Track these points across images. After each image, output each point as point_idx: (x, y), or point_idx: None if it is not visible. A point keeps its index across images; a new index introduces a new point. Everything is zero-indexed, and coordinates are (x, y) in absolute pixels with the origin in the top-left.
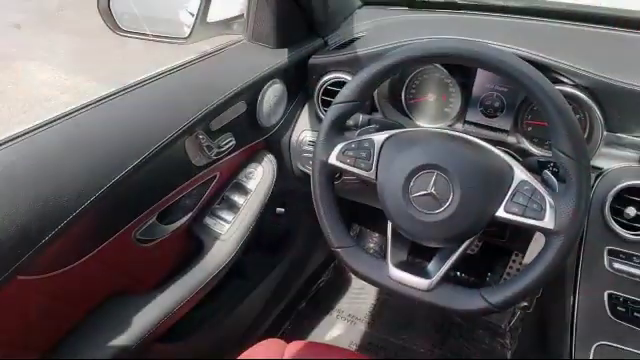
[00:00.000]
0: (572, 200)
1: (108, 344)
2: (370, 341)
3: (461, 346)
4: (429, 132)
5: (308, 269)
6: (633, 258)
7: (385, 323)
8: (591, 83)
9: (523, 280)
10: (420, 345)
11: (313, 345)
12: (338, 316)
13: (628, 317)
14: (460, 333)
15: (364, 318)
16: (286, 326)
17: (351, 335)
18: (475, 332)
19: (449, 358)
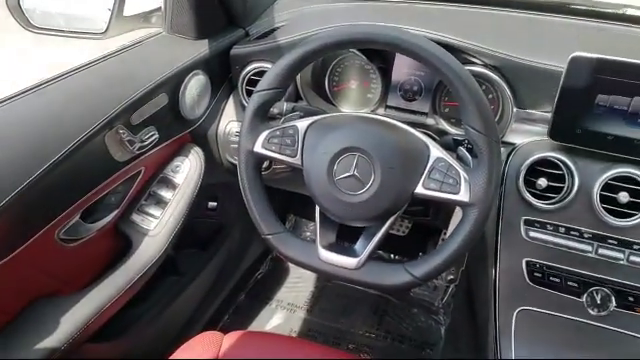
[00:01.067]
0: (484, 173)
1: (36, 346)
2: (310, 327)
3: (398, 325)
4: (350, 116)
5: (246, 261)
6: (547, 226)
7: (324, 309)
8: (500, 62)
9: (443, 252)
10: (358, 328)
11: (250, 334)
12: (277, 306)
13: (545, 282)
14: (396, 313)
15: (303, 306)
16: (225, 319)
17: (291, 323)
18: (410, 311)
19: (385, 337)
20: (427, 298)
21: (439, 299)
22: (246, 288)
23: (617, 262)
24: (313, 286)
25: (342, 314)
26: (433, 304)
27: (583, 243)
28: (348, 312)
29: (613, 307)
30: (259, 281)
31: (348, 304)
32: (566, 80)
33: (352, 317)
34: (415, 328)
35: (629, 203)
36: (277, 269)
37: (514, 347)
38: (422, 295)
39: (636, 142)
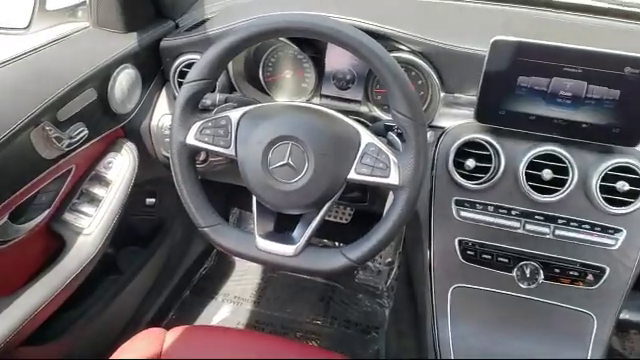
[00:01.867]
0: (412, 156)
1: None
2: (257, 319)
3: (344, 311)
4: (282, 106)
5: (189, 257)
6: (477, 205)
7: (270, 300)
8: (426, 49)
9: (377, 234)
10: (305, 316)
11: (194, 329)
12: (224, 300)
13: (477, 259)
14: (342, 299)
15: (250, 298)
16: (171, 316)
17: (238, 316)
18: (356, 296)
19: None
20: (371, 283)
21: (383, 283)
22: (191, 283)
23: (544, 236)
24: (259, 278)
25: (289, 303)
26: (377, 288)
27: (511, 220)
28: (295, 301)
29: (541, 279)
30: (204, 276)
31: (295, 293)
32: (489, 64)
33: (299, 306)
34: (361, 313)
35: (553, 180)
36: (222, 263)
37: (450, 324)
38: (367, 280)
39: (556, 121)
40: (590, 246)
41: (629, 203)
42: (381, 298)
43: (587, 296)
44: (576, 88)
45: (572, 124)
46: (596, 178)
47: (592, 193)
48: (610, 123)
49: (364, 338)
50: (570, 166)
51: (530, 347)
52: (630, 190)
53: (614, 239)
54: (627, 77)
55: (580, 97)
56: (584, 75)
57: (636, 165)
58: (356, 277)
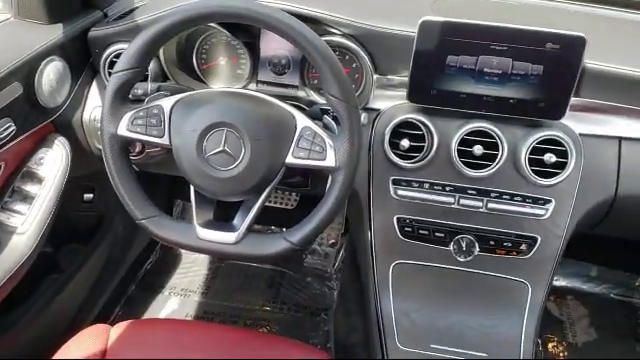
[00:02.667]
0: (346, 138)
1: None
2: (205, 310)
3: (293, 296)
4: (215, 92)
5: (133, 251)
6: (413, 183)
7: (219, 291)
8: (357, 31)
9: (317, 216)
10: (254, 303)
11: (139, 322)
12: (171, 293)
13: (415, 235)
14: (291, 284)
15: (198, 290)
16: (117, 312)
17: (186, 308)
18: (305, 281)
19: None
20: (320, 266)
21: (331, 266)
22: (137, 278)
23: (477, 210)
24: (207, 269)
25: (238, 292)
26: (326, 271)
27: (446, 196)
28: (244, 290)
29: (477, 252)
30: (150, 270)
31: (243, 282)
32: (418, 44)
33: (248, 294)
34: (310, 296)
35: (484, 155)
36: (168, 256)
37: (392, 299)
38: (315, 264)
39: (485, 98)
40: (522, 217)
41: (556, 174)
42: (330, 280)
43: (521, 265)
44: (502, 65)
45: (500, 100)
46: (524, 151)
47: (521, 166)
48: (535, 98)
49: (314, 320)
50: (500, 141)
51: (469, 317)
52: (557, 162)
53: (544, 209)
54: (549, 53)
55: (506, 74)
56: (509, 52)
57: (561, 137)
58: (305, 261)
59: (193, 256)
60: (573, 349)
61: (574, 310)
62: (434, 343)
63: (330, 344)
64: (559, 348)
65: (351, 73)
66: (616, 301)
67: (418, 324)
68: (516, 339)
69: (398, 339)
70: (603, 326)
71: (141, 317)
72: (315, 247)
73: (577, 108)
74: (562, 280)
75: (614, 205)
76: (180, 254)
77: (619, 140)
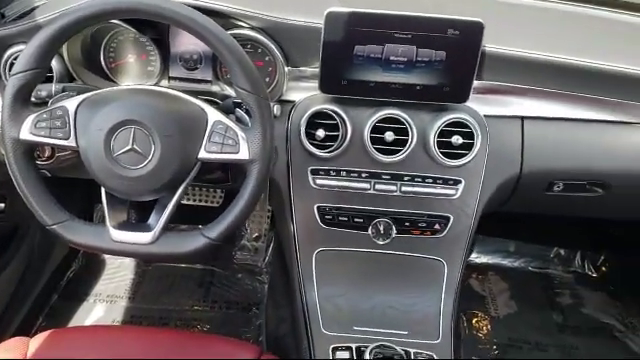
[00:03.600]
0: (258, 130)
1: None
2: (133, 314)
3: (224, 293)
4: (121, 90)
5: (53, 260)
6: (330, 172)
7: (147, 294)
8: (265, 24)
9: (234, 210)
10: (184, 304)
11: (60, 332)
12: (96, 300)
13: (335, 222)
14: (222, 282)
15: (124, 295)
16: (39, 324)
17: (112, 315)
18: (236, 277)
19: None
20: (250, 262)
21: (261, 260)
22: (59, 288)
23: (392, 194)
24: (133, 273)
25: (167, 294)
26: (256, 266)
27: (362, 182)
28: (173, 291)
29: (394, 234)
30: (73, 278)
31: (172, 283)
32: (325, 35)
33: (177, 295)
34: (241, 292)
35: (395, 141)
36: (92, 263)
37: (316, 287)
38: (245, 260)
39: (393, 86)
40: (434, 198)
41: (464, 155)
42: (261, 275)
43: (436, 244)
44: (407, 53)
45: (407, 87)
46: (433, 135)
47: (431, 149)
48: (440, 83)
49: (246, 316)
50: (409, 126)
51: (390, 298)
52: (464, 143)
53: (455, 189)
54: (450, 39)
55: (412, 61)
56: (413, 40)
57: (467, 120)
58: (234, 258)
59: (118, 261)
60: (495, 322)
61: (495, 285)
62: (357, 325)
63: (262, 338)
64: (483, 322)
65: (264, 66)
66: (534, 273)
67: (342, 308)
68: (435, 315)
69: (323, 325)
70: (522, 298)
71: (65, 327)
72: (244, 243)
73: (481, 91)
74: (483, 257)
75: (520, 182)
76: (104, 260)
77: (522, 119)
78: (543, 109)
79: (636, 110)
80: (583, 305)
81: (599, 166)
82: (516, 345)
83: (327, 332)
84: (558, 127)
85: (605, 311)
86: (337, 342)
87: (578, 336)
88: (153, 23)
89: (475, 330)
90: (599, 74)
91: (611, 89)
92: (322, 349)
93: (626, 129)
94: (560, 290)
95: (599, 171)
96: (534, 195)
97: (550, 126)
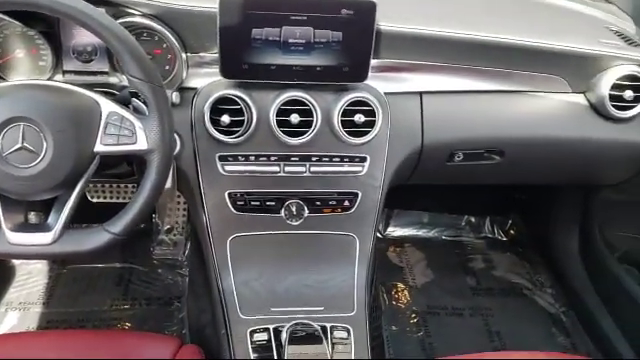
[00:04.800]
0: (155, 118)
1: None
2: (49, 319)
3: (145, 290)
4: (8, 86)
5: None
6: (239, 158)
7: (62, 298)
8: (157, 10)
9: (136, 203)
10: (103, 304)
11: None
12: (7, 309)
13: (247, 207)
14: (141, 279)
15: (38, 301)
16: None
17: (27, 322)
18: (156, 272)
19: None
20: (170, 256)
21: (181, 253)
22: None
23: (301, 175)
24: (47, 277)
25: (83, 296)
26: (177, 260)
27: (272, 165)
28: (90, 293)
29: (307, 214)
30: None
31: (89, 284)
32: (221, 20)
33: (95, 296)
34: (162, 287)
35: (301, 123)
36: (1, 270)
37: (232, 273)
38: (164, 254)
39: (294, 68)
40: (342, 176)
41: (367, 132)
42: (181, 268)
43: (347, 220)
44: (305, 34)
45: (308, 69)
46: (336, 115)
47: (336, 129)
48: (340, 63)
49: (168, 310)
50: (313, 108)
51: (306, 276)
52: (366, 121)
53: (361, 166)
54: (344, 19)
55: (310, 42)
56: (309, 21)
57: (368, 98)
58: (153, 254)
59: (29, 267)
60: (414, 291)
61: (412, 256)
62: (275, 307)
63: (185, 330)
64: (402, 292)
65: (163, 54)
66: (447, 242)
67: (259, 292)
68: (350, 288)
69: (240, 310)
70: (438, 266)
71: None
72: (162, 237)
73: (380, 69)
74: (399, 230)
75: (422, 154)
76: (14, 267)
77: (420, 95)
78: (439, 83)
79: (525, 79)
80: (494, 268)
81: (494, 134)
82: (434, 311)
83: (245, 317)
84: (454, 99)
85: (515, 272)
86: (255, 325)
87: (491, 297)
88: (40, 15)
89: (395, 300)
90: (488, 46)
91: (500, 60)
92: (240, 334)
93: (517, 97)
94: (472, 255)
95: (495, 139)
96: (437, 166)
97: (447, 99)
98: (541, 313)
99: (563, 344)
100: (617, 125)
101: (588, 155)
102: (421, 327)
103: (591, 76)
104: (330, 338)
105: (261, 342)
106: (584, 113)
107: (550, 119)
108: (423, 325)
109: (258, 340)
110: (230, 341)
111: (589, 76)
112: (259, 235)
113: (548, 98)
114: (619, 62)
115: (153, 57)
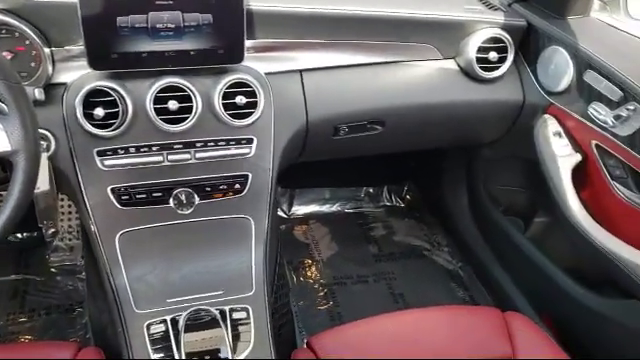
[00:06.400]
0: (16, 117)
1: None
2: None
3: (43, 299)
4: None
5: None
6: (118, 151)
7: None
8: (11, 5)
9: (6, 207)
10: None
11: None
12: None
13: (134, 201)
14: (39, 289)
15: None
16: None
17: None
18: (54, 280)
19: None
20: (67, 261)
21: (79, 258)
22: None
23: (187, 162)
24: None
25: None
26: (76, 265)
27: (154, 155)
28: None
29: (198, 201)
30: None
31: None
32: (82, 10)
33: None
34: (62, 294)
35: (181, 109)
36: None
37: (124, 270)
38: (61, 261)
39: (167, 54)
40: (230, 159)
41: (251, 114)
42: (81, 273)
43: (240, 203)
44: (173, 19)
45: (182, 53)
46: (217, 98)
47: (218, 112)
48: (214, 46)
49: (69, 317)
50: (192, 93)
51: (203, 263)
52: (248, 102)
53: (249, 147)
54: (212, 1)
55: (180, 27)
56: (176, 5)
57: (247, 79)
58: (49, 261)
59: None
60: (321, 265)
61: (316, 231)
62: (171, 297)
63: (89, 334)
64: (309, 268)
65: (27, 50)
66: (349, 214)
67: (154, 285)
68: (248, 269)
69: (135, 305)
70: (342, 238)
71: None
72: (58, 243)
73: (258, 49)
74: (303, 208)
75: (309, 131)
76: None
77: (300, 73)
78: (319, 60)
79: (399, 49)
80: (394, 233)
81: (375, 105)
82: (340, 281)
83: (140, 311)
84: (335, 75)
85: (413, 235)
86: (152, 318)
87: (393, 261)
88: None
89: (302, 277)
90: (362, 20)
91: (375, 33)
92: (136, 329)
93: (393, 68)
94: (374, 224)
95: (375, 110)
96: (324, 142)
97: (327, 75)
98: (440, 271)
99: (462, 297)
100: (486, 86)
101: (463, 117)
102: (329, 298)
103: (458, 41)
104: (229, 320)
105: (158, 334)
106: (455, 77)
107: (424, 86)
108: (331, 296)
109: (155, 332)
110: (127, 337)
111: (457, 42)
112: (150, 228)
113: (422, 66)
114: (482, 26)
115: (16, 55)
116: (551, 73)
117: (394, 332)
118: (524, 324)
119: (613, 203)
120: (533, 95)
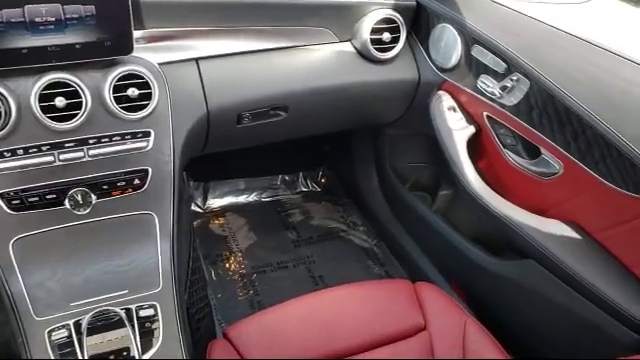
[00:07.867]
0: None
1: None
2: None
3: None
4: None
5: None
6: (4, 154)
7: None
8: None
9: None
10: None
11: None
12: None
13: (26, 206)
14: None
15: None
16: None
17: None
18: None
19: None
20: None
21: None
22: None
23: (81, 160)
24: None
25: None
26: None
27: (44, 156)
28: None
29: (95, 200)
30: None
31: None
32: None
33: None
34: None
35: (70, 105)
36: None
37: (21, 277)
38: None
39: (50, 49)
40: (127, 154)
41: (145, 106)
42: None
43: (142, 198)
44: (53, 12)
45: (66, 47)
46: (107, 92)
47: (109, 106)
48: (100, 38)
49: None
50: (80, 88)
51: (106, 263)
52: (141, 94)
53: (146, 141)
54: None
55: (61, 20)
56: None
57: (139, 71)
58: None
59: None
60: (239, 256)
61: (234, 223)
62: (73, 301)
63: None
64: (228, 260)
65: None
66: (266, 203)
67: (54, 290)
68: (154, 266)
69: (34, 312)
70: (260, 227)
71: None
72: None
73: (150, 39)
74: (218, 201)
75: (210, 121)
76: None
77: (196, 61)
78: (216, 47)
79: (297, 34)
80: (312, 218)
81: (276, 91)
82: (260, 270)
83: (40, 318)
84: (233, 62)
85: (330, 217)
86: (54, 324)
87: (311, 245)
88: None
89: (221, 269)
90: (256, 6)
91: (271, 18)
92: (37, 336)
93: (292, 53)
94: (291, 211)
95: (277, 95)
96: (228, 131)
97: (226, 62)
98: (357, 250)
99: (378, 273)
100: (382, 66)
101: (362, 98)
102: (249, 288)
103: (353, 24)
104: (136, 319)
105: (61, 339)
106: (352, 59)
107: (323, 69)
108: (251, 286)
109: (57, 338)
110: (27, 347)
111: (351, 24)
112: (46, 232)
113: (319, 50)
114: (375, 7)
115: None
116: (442, 50)
117: (309, 313)
118: (433, 293)
119: (506, 170)
120: (427, 73)
